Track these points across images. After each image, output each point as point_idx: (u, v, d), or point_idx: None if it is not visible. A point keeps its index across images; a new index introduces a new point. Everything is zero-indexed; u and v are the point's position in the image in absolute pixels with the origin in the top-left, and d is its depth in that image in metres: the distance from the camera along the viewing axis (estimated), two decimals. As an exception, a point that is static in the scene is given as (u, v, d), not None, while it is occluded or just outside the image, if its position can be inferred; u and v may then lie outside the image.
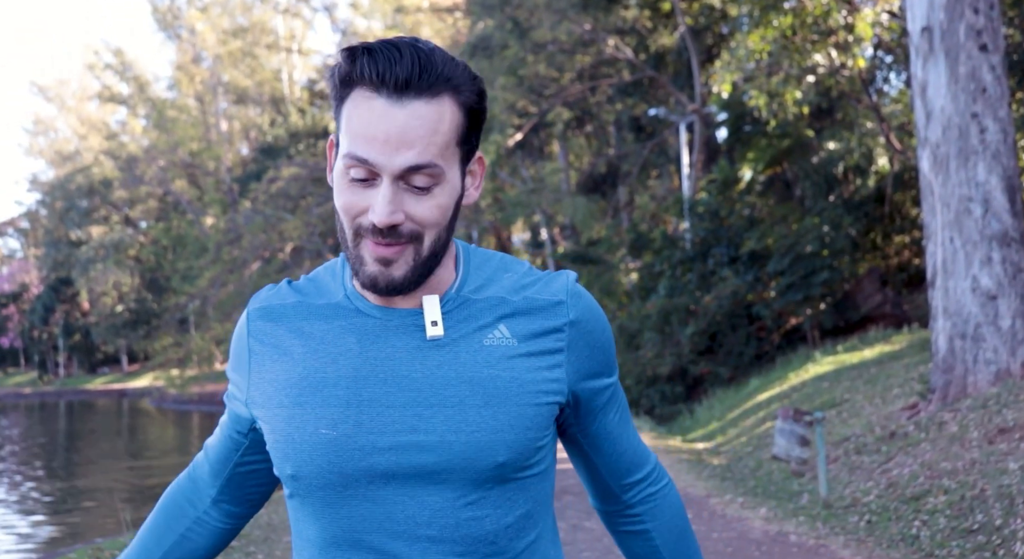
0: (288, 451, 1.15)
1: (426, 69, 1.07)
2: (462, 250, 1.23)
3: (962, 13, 7.80)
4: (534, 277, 1.22)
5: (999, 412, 6.86)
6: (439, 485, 1.12)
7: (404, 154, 1.07)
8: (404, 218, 1.09)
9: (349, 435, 1.12)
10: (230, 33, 44.89)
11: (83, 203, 51.21)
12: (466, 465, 1.12)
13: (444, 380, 1.13)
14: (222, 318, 31.98)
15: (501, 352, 1.15)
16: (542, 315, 1.18)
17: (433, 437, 1.11)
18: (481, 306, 1.17)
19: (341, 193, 1.12)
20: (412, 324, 1.15)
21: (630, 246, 20.57)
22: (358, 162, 1.08)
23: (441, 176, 1.10)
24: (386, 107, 1.07)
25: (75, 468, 18.02)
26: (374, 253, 1.11)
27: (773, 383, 13.92)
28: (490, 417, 1.12)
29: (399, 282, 1.12)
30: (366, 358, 1.14)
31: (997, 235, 7.69)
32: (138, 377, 51.74)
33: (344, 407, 1.13)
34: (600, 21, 22.40)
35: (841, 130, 17.82)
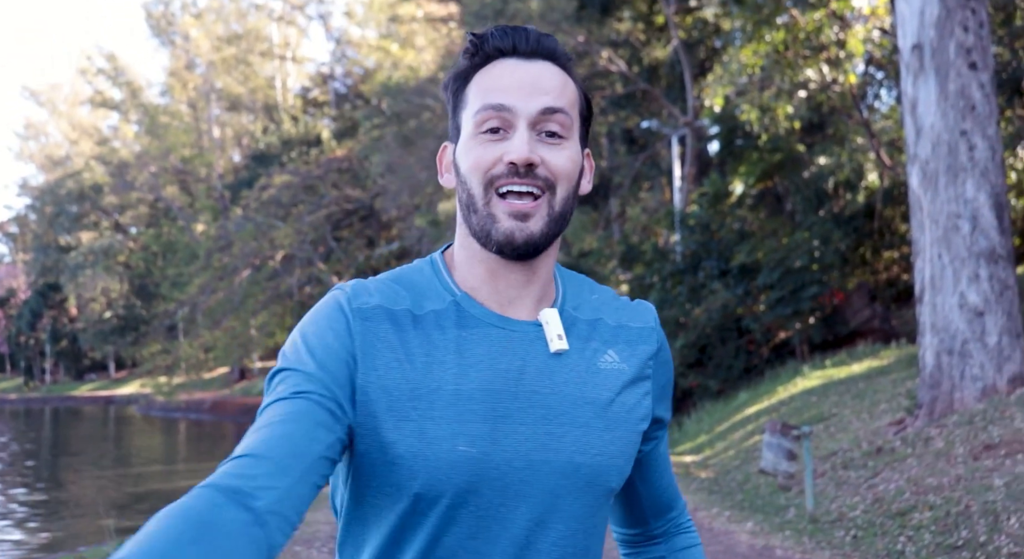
0: (417, 468, 1.05)
1: (549, 40, 1.14)
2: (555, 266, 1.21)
3: (952, 31, 7.86)
4: (622, 302, 1.23)
5: (985, 428, 6.88)
6: (565, 512, 1.10)
7: (539, 97, 1.10)
8: (540, 161, 1.09)
9: (487, 453, 1.06)
10: (224, 40, 44.89)
11: (73, 208, 51.05)
12: (588, 489, 1.11)
13: (571, 399, 1.11)
14: (211, 325, 31.89)
15: (615, 376, 1.15)
16: (639, 342, 1.20)
17: (563, 457, 1.09)
18: (584, 326, 1.17)
19: (471, 152, 1.10)
20: (535, 337, 1.12)
21: (621, 258, 20.59)
22: (493, 109, 1.09)
23: (571, 128, 1.12)
24: (518, 63, 1.12)
25: (59, 476, 17.90)
26: (509, 209, 1.08)
27: (762, 397, 13.94)
28: (609, 442, 1.12)
29: (538, 236, 1.09)
30: (497, 371, 1.09)
31: (985, 252, 7.73)
32: (125, 384, 51.51)
33: (481, 422, 1.07)
34: (594, 33, 22.49)
35: (832, 145, 17.91)
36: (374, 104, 32.03)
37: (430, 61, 31.82)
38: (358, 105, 36.96)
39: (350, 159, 32.25)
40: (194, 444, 25.89)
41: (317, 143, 37.42)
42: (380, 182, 27.90)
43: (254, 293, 31.29)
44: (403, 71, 30.99)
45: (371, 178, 29.06)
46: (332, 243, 32.18)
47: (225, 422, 32.05)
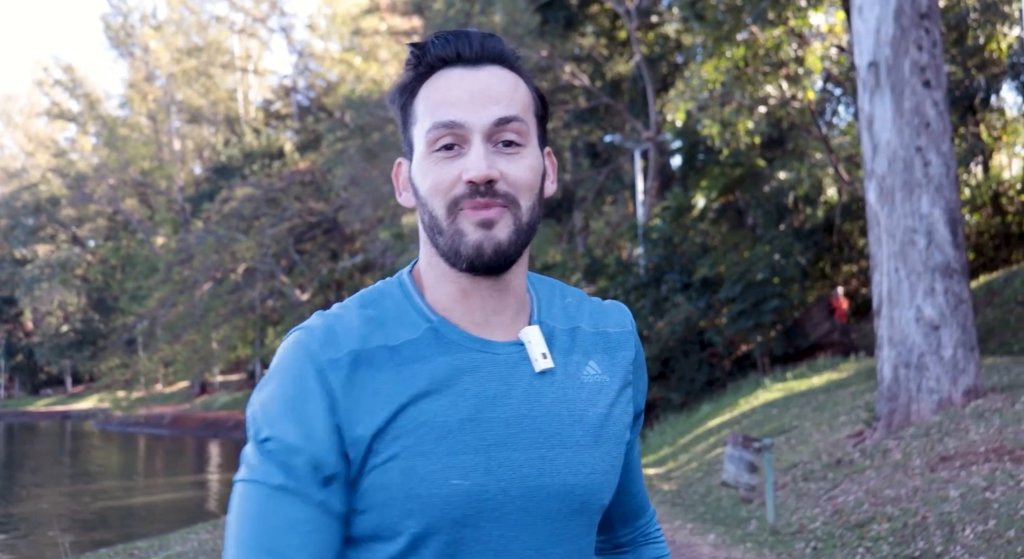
0: (411, 507, 1.01)
1: (495, 42, 1.09)
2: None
3: (907, 50, 8.02)
4: (596, 304, 1.20)
5: (941, 440, 6.99)
6: (560, 536, 1.07)
7: (491, 108, 1.05)
8: (499, 176, 1.04)
9: (482, 484, 1.03)
10: (184, 52, 44.51)
11: (29, 221, 50.21)
12: (582, 510, 1.08)
13: (560, 419, 1.08)
14: (171, 339, 31.48)
15: (598, 388, 1.12)
16: (618, 348, 1.17)
17: (557, 481, 1.06)
18: (564, 336, 1.13)
19: (428, 174, 1.06)
20: (518, 357, 1.09)
21: (585, 271, 20.68)
22: (445, 127, 1.05)
23: (527, 134, 1.08)
24: (464, 72, 1.07)
25: (15, 492, 17.54)
26: (474, 217, 1.04)
27: (724, 409, 14.05)
28: (599, 458, 1.10)
29: (506, 245, 1.04)
30: (484, 398, 1.05)
31: (940, 266, 7.87)
32: (82, 399, 50.64)
33: (473, 454, 1.03)
34: (557, 48, 22.63)
35: (792, 160, 18.16)
36: (337, 117, 31.93)
37: (393, 74, 31.80)
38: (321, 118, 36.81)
39: (313, 172, 32.10)
40: (153, 459, 25.51)
41: (280, 156, 37.21)
42: (343, 195, 27.80)
43: (215, 306, 30.97)
44: (366, 84, 30.94)
45: (334, 191, 28.94)
46: (295, 256, 31.97)
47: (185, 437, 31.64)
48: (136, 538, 10.06)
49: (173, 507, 14.73)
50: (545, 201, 1.14)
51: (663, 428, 15.47)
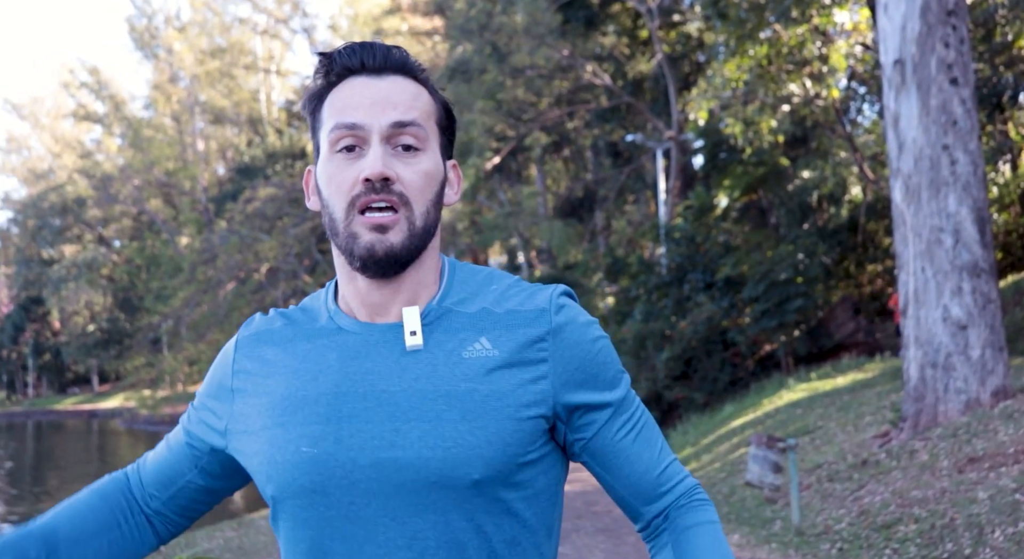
0: (271, 472, 1.13)
1: (399, 54, 1.16)
2: (447, 264, 1.22)
3: (933, 47, 7.94)
4: (520, 289, 1.20)
5: (969, 441, 6.92)
6: (419, 506, 1.09)
7: (389, 112, 1.12)
8: (395, 176, 1.11)
9: (330, 453, 1.10)
10: (208, 53, 44.82)
11: (56, 221, 50.76)
12: (443, 482, 1.08)
13: (421, 394, 1.10)
14: (196, 338, 31.72)
15: (480, 364, 1.12)
16: (524, 325, 1.15)
17: (410, 453, 1.08)
18: (463, 319, 1.15)
19: (331, 178, 1.13)
20: (393, 338, 1.14)
21: (606, 271, 20.64)
22: (346, 128, 1.12)
23: (426, 140, 1.14)
24: (368, 80, 1.14)
25: (42, 490, 17.73)
26: (368, 222, 1.10)
27: (747, 409, 13.98)
28: (467, 432, 1.08)
29: (398, 248, 1.11)
30: (346, 374, 1.13)
31: (967, 266, 7.79)
32: (109, 398, 51.12)
33: (324, 423, 1.11)
34: (578, 47, 22.60)
35: (815, 159, 18.04)
36: (359, 117, 32.04)
37: (415, 74, 31.88)
38: (343, 118, 36.94)
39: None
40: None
41: (302, 156, 37.38)
42: (365, 195, 27.89)
43: (239, 306, 31.16)
44: (388, 84, 30.99)
45: (356, 191, 29.03)
46: (317, 256, 32.11)
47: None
48: (162, 536, 10.13)
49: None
50: (567, 199, 1.16)
51: (686, 428, 15.41)
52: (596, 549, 6.80)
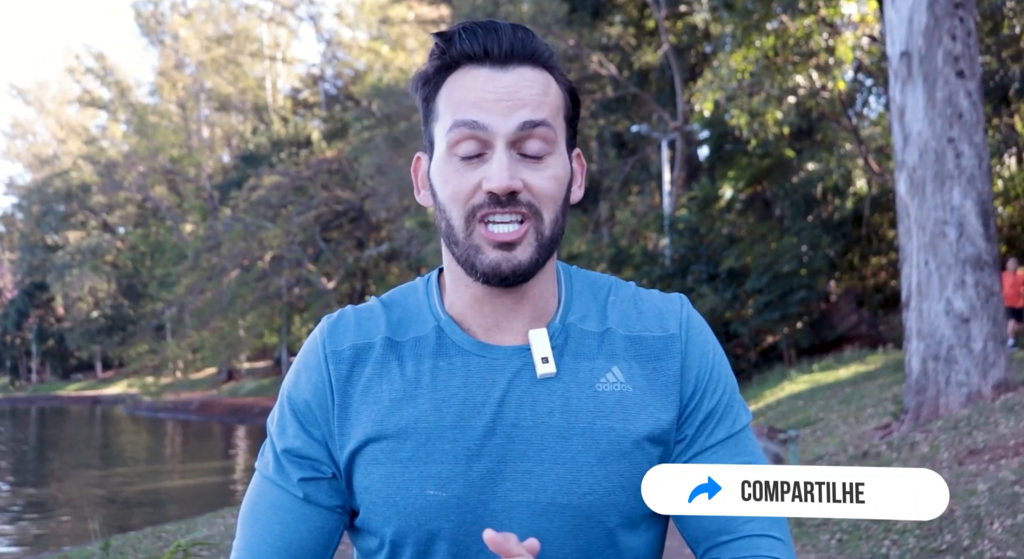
0: (389, 515, 1.01)
1: (528, 40, 1.02)
2: (562, 272, 1.11)
3: (940, 39, 7.92)
4: (643, 304, 1.09)
5: (969, 434, 6.94)
6: (553, 554, 1.00)
7: (518, 112, 0.99)
8: (522, 186, 0.99)
9: (460, 496, 0.99)
10: (214, 40, 44.77)
11: (60, 207, 50.80)
12: (576, 530, 1.00)
13: (556, 431, 1.00)
14: (199, 326, 31.77)
15: (615, 399, 1.02)
16: (654, 357, 1.05)
17: (544, 497, 0.99)
18: (589, 340, 1.05)
19: (447, 181, 1.01)
20: (520, 362, 1.03)
21: (610, 261, 20.63)
22: (468, 128, 0.99)
23: (555, 142, 1.02)
24: (492, 73, 1.01)
25: (45, 475, 17.82)
26: (493, 239, 0.99)
27: (749, 401, 14.00)
28: (603, 477, 1.00)
29: (526, 265, 1.00)
30: (472, 405, 1.01)
31: (971, 259, 7.79)
32: (112, 384, 51.28)
33: (452, 464, 1.00)
34: (584, 37, 22.54)
35: (821, 151, 18.01)
36: (364, 106, 32.02)
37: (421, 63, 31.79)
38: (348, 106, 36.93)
39: (340, 160, 32.22)
40: (181, 444, 25.80)
41: (307, 144, 37.37)
42: (370, 184, 27.89)
43: (243, 294, 31.19)
44: (393, 73, 30.99)
45: (361, 179, 29.03)
46: (321, 244, 32.12)
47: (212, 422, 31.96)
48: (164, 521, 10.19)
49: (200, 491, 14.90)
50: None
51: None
52: None
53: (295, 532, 1.05)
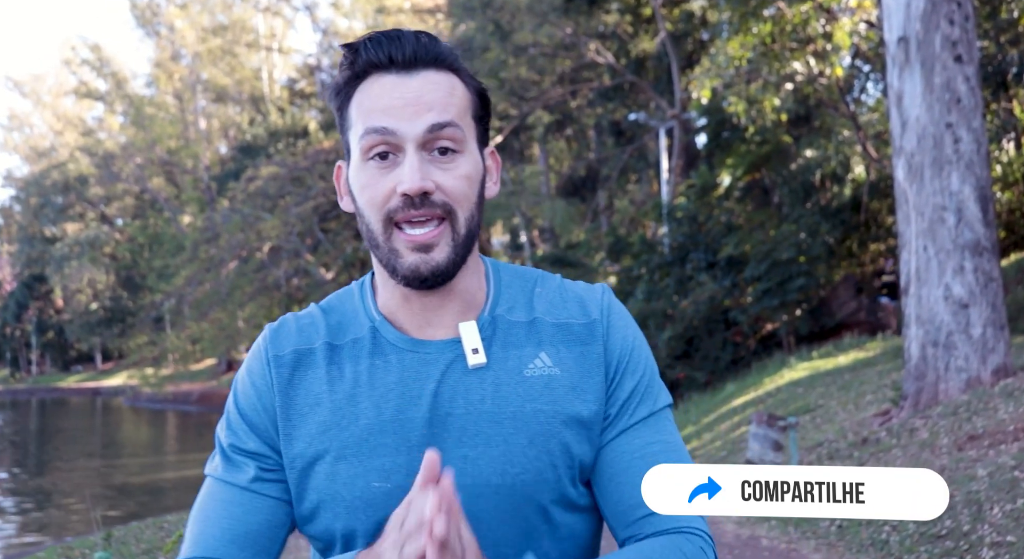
0: (338, 510, 1.05)
1: (431, 45, 1.07)
2: (490, 266, 1.16)
3: (938, 24, 7.90)
4: (567, 294, 1.14)
5: (969, 419, 6.94)
6: (493, 536, 1.04)
7: (424, 115, 1.03)
8: (434, 187, 1.03)
9: (402, 486, 1.02)
10: (210, 31, 44.62)
11: (58, 199, 50.74)
12: (513, 510, 1.04)
13: (488, 417, 1.05)
14: (198, 317, 31.78)
15: (543, 383, 1.07)
16: (579, 342, 1.10)
17: (480, 480, 1.04)
18: (517, 329, 1.10)
19: (364, 187, 1.05)
20: (452, 355, 1.07)
21: (609, 250, 20.63)
22: (379, 134, 1.03)
23: (463, 141, 1.06)
24: (398, 79, 1.05)
25: (46, 467, 17.84)
26: (410, 241, 1.04)
27: (748, 388, 14.01)
28: (535, 458, 1.04)
29: (444, 265, 1.04)
30: (409, 398, 1.06)
31: (970, 244, 7.78)
32: (112, 375, 51.29)
33: (394, 455, 1.04)
34: (581, 25, 22.47)
35: (819, 138, 17.98)
36: (361, 95, 31.90)
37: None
38: (345, 96, 36.77)
39: (337, 151, 32.14)
40: (181, 435, 25.83)
41: (304, 135, 37.29)
42: (368, 174, 27.84)
43: (241, 285, 31.19)
44: (391, 62, 30.84)
45: (358, 170, 28.96)
46: (319, 235, 32.11)
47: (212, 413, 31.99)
48: (166, 511, 10.22)
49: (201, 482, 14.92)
50: (569, 178, 1.11)
51: (687, 407, 15.46)
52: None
53: (243, 523, 1.07)
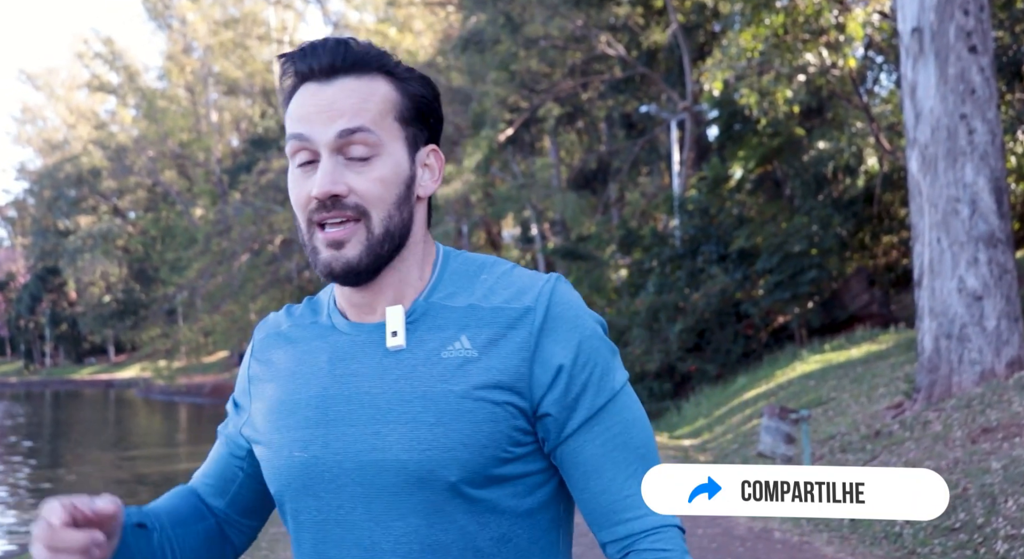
0: (271, 477, 1.17)
1: (349, 52, 1.11)
2: (441, 255, 1.19)
3: (952, 15, 7.83)
4: (512, 280, 1.14)
5: (983, 412, 6.90)
6: (402, 509, 1.08)
7: (336, 121, 1.09)
8: (346, 190, 1.08)
9: (318, 457, 1.11)
10: (221, 24, 44.66)
11: (71, 192, 50.97)
12: (421, 486, 1.07)
13: (401, 396, 1.09)
14: (210, 309, 31.90)
15: (458, 364, 1.09)
16: (507, 324, 1.10)
17: (389, 456, 1.08)
18: (449, 315, 1.12)
19: (291, 190, 1.13)
20: (378, 338, 1.13)
21: (620, 243, 20.58)
22: (298, 140, 1.10)
23: (379, 145, 1.10)
24: (316, 88, 1.11)
25: (60, 458, 17.95)
26: (324, 238, 1.10)
27: (760, 381, 13.97)
28: (442, 435, 1.07)
29: (354, 263, 1.10)
30: (334, 376, 1.13)
31: (984, 236, 7.73)
32: (125, 368, 51.57)
33: (313, 428, 1.12)
34: (592, 17, 22.39)
35: (831, 130, 17.87)
36: (372, 88, 31.90)
37: (428, 45, 31.69)
38: (356, 89, 36.79)
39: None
40: (194, 427, 25.95)
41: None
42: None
43: (253, 277, 31.28)
44: (401, 55, 30.69)
45: (369, 162, 28.98)
46: (331, 227, 32.18)
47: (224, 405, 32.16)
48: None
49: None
50: (580, 171, 1.13)
51: (698, 400, 15.43)
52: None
53: (213, 462, 1.30)
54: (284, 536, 6.89)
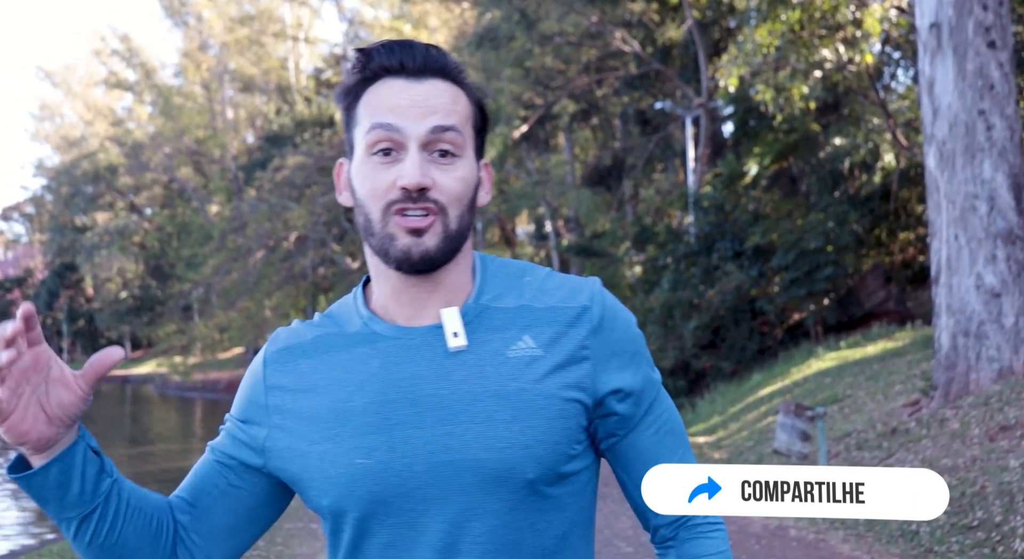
0: (326, 487, 1.13)
1: (440, 57, 1.15)
2: (478, 259, 1.22)
3: (971, 9, 7.76)
4: (556, 283, 1.19)
5: (1001, 410, 6.85)
6: (477, 509, 1.10)
7: (429, 117, 1.11)
8: (432, 184, 1.11)
9: (385, 462, 1.10)
10: (237, 21, 44.80)
11: (88, 189, 51.24)
12: (499, 483, 1.09)
13: (471, 395, 1.10)
14: (226, 306, 32.02)
15: (526, 363, 1.12)
16: (567, 322, 1.15)
17: (466, 455, 1.09)
18: (504, 315, 1.15)
19: (365, 179, 1.13)
20: (434, 340, 1.14)
21: (634, 239, 20.53)
22: (385, 130, 1.11)
23: (462, 147, 1.14)
24: (407, 83, 1.13)
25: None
26: (404, 225, 1.10)
27: (775, 378, 13.92)
28: (519, 432, 1.09)
29: (433, 252, 1.11)
30: (391, 381, 1.12)
31: (1002, 233, 7.67)
32: (141, 364, 51.86)
33: (376, 434, 1.11)
34: (607, 14, 22.34)
35: (848, 126, 17.76)
36: (387, 85, 31.93)
37: (443, 41, 31.68)
38: (371, 86, 36.83)
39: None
40: (209, 423, 26.08)
41: (330, 124, 37.39)
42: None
43: (268, 274, 31.36)
44: (416, 51, 30.82)
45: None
46: (345, 224, 32.20)
47: (240, 402, 32.27)
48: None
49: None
50: (595, 167, 1.14)
51: (713, 397, 15.39)
52: (622, 515, 6.83)
53: (196, 476, 1.23)
54: (300, 532, 6.91)
